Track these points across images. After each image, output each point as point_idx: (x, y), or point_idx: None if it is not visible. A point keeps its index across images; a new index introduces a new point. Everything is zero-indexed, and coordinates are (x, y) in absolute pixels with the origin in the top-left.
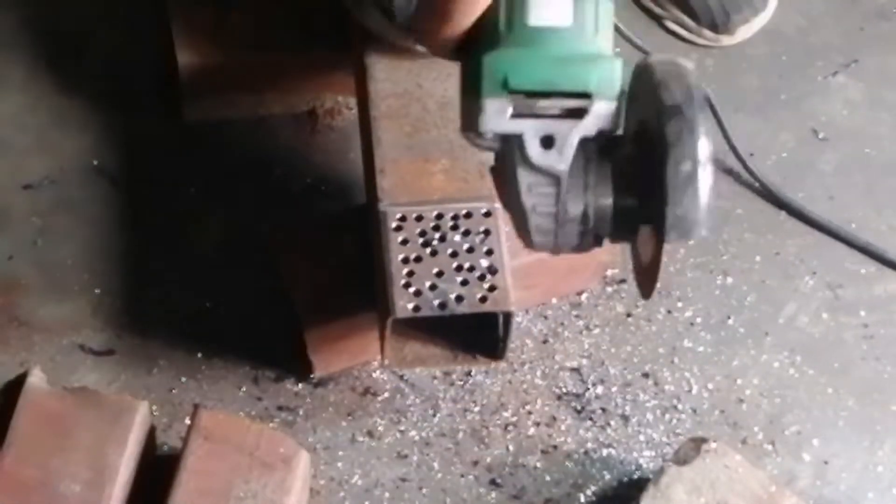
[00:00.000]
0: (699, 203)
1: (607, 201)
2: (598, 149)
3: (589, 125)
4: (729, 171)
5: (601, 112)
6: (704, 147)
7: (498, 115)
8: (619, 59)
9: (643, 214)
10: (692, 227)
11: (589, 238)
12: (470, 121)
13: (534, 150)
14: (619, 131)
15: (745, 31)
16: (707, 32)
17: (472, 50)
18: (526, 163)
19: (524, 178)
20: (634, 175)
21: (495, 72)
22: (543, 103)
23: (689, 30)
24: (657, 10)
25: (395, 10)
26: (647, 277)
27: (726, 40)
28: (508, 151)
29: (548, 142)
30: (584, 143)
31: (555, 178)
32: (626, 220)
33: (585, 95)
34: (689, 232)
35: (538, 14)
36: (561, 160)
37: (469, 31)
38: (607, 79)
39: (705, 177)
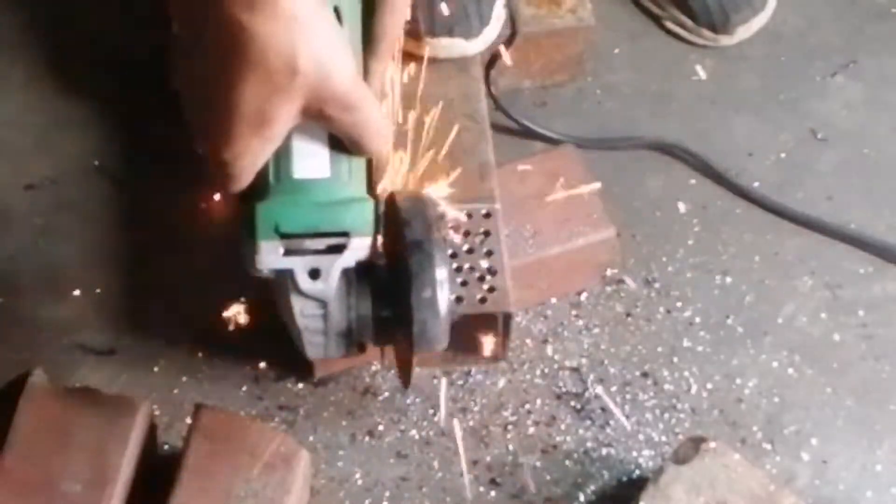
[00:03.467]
0: (439, 321)
1: (367, 314)
2: (357, 272)
3: (348, 258)
4: (726, 174)
5: (358, 246)
6: (442, 275)
7: (271, 255)
8: (371, 201)
9: (397, 323)
10: (434, 341)
11: (354, 346)
12: (248, 259)
13: (303, 281)
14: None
15: (743, 32)
16: (706, 32)
17: (248, 198)
18: (297, 291)
19: (297, 303)
20: (388, 292)
21: (268, 218)
22: (309, 243)
23: (687, 30)
24: (656, 10)
25: None
26: (404, 372)
27: (725, 40)
28: (282, 282)
29: (315, 274)
30: (346, 269)
31: (322, 303)
32: (384, 328)
33: (344, 234)
34: (432, 344)
35: (301, 168)
36: (326, 288)
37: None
38: (361, 219)
39: (443, 299)
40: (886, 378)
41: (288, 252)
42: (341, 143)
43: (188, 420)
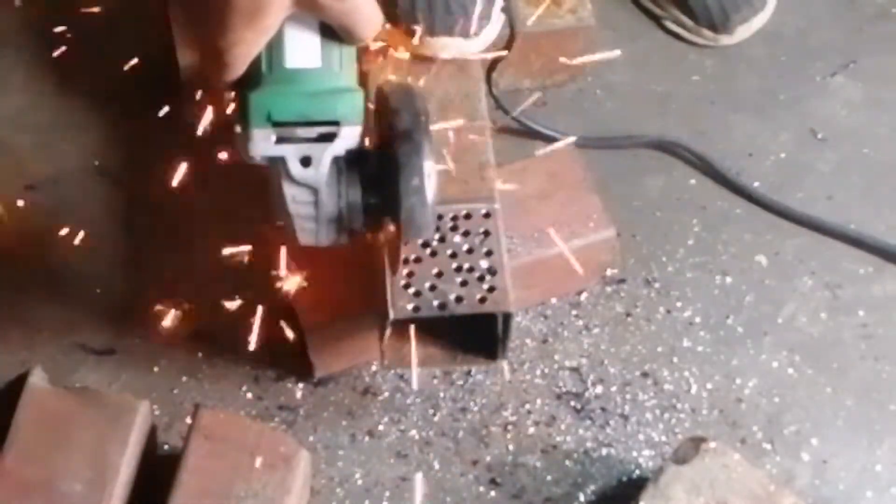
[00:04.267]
0: (426, 210)
1: (357, 201)
2: (347, 161)
3: (338, 146)
4: (726, 174)
5: (348, 135)
6: (429, 165)
7: (264, 142)
8: (361, 90)
9: (385, 210)
10: (422, 228)
11: (345, 233)
12: (241, 146)
13: (295, 168)
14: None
15: (743, 31)
16: (706, 32)
17: (242, 87)
18: (289, 178)
19: (289, 190)
20: (378, 179)
21: (260, 107)
22: (301, 131)
23: (687, 30)
24: (656, 10)
25: (399, 12)
26: (393, 259)
27: (725, 40)
28: (274, 169)
29: (306, 161)
30: (337, 158)
31: (314, 190)
32: (374, 214)
33: (334, 122)
34: (420, 231)
35: (293, 58)
36: (317, 176)
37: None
38: (351, 108)
39: (430, 188)
40: (886, 378)
41: (280, 140)
42: (332, 34)
43: (188, 420)
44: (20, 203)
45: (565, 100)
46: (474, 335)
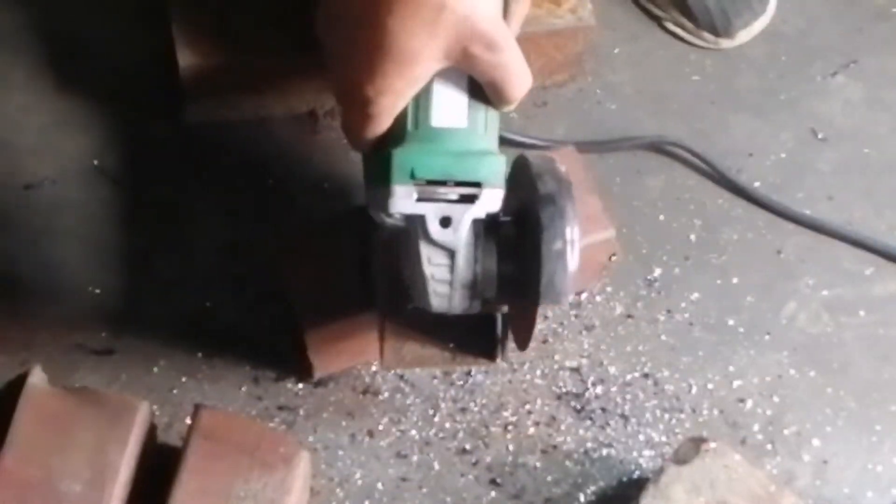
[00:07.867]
0: (567, 275)
1: (492, 268)
2: (485, 227)
3: (479, 209)
4: (726, 174)
5: (489, 198)
6: (572, 230)
7: (405, 199)
8: (503, 155)
9: (521, 281)
10: (561, 295)
11: (478, 301)
12: (381, 203)
13: (434, 228)
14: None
15: (744, 35)
16: (707, 35)
17: (385, 144)
18: (427, 239)
19: (425, 251)
20: (514, 249)
21: (404, 163)
22: (443, 190)
23: (688, 32)
24: (656, 11)
25: None
26: (524, 332)
27: (726, 43)
28: (412, 229)
29: (445, 222)
30: (474, 222)
31: (450, 252)
32: (508, 285)
33: (477, 184)
34: (558, 298)
35: (439, 117)
36: (456, 237)
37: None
38: (494, 171)
39: (572, 254)
40: (887, 378)
41: (421, 198)
42: (480, 94)
43: (188, 420)
44: (20, 203)
45: (565, 100)
46: (474, 335)
